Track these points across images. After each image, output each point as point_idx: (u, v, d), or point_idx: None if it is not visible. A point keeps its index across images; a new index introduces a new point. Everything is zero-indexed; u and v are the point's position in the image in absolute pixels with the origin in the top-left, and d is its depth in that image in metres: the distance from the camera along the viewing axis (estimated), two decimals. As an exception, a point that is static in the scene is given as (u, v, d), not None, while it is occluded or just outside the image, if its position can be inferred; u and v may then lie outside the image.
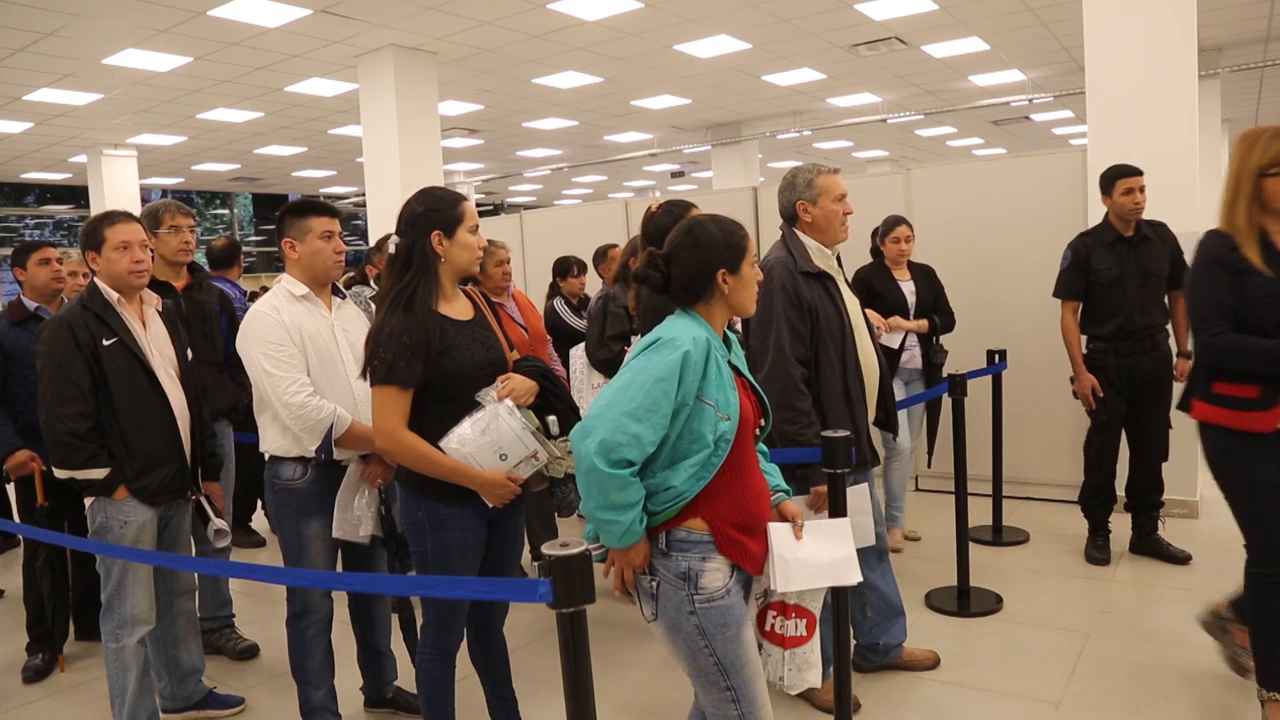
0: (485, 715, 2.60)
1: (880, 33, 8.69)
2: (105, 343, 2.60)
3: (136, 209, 8.46)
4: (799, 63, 9.81)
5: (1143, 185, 3.80)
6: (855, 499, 2.59)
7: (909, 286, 4.29)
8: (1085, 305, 3.94)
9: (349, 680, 2.94)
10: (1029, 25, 8.59)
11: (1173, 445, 4.02)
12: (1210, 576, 3.78)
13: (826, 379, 2.68)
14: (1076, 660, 3.11)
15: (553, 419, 2.31)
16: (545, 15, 7.56)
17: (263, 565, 4.29)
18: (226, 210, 19.67)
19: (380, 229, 7.78)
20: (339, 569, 2.76)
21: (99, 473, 2.58)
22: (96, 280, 2.69)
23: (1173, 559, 3.99)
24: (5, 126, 10.66)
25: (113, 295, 2.67)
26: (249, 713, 3.07)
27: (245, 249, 14.37)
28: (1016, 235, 5.01)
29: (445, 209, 2.25)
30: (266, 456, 2.62)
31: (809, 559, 1.84)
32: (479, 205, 20.52)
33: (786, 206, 2.79)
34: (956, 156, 17.66)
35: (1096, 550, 4.07)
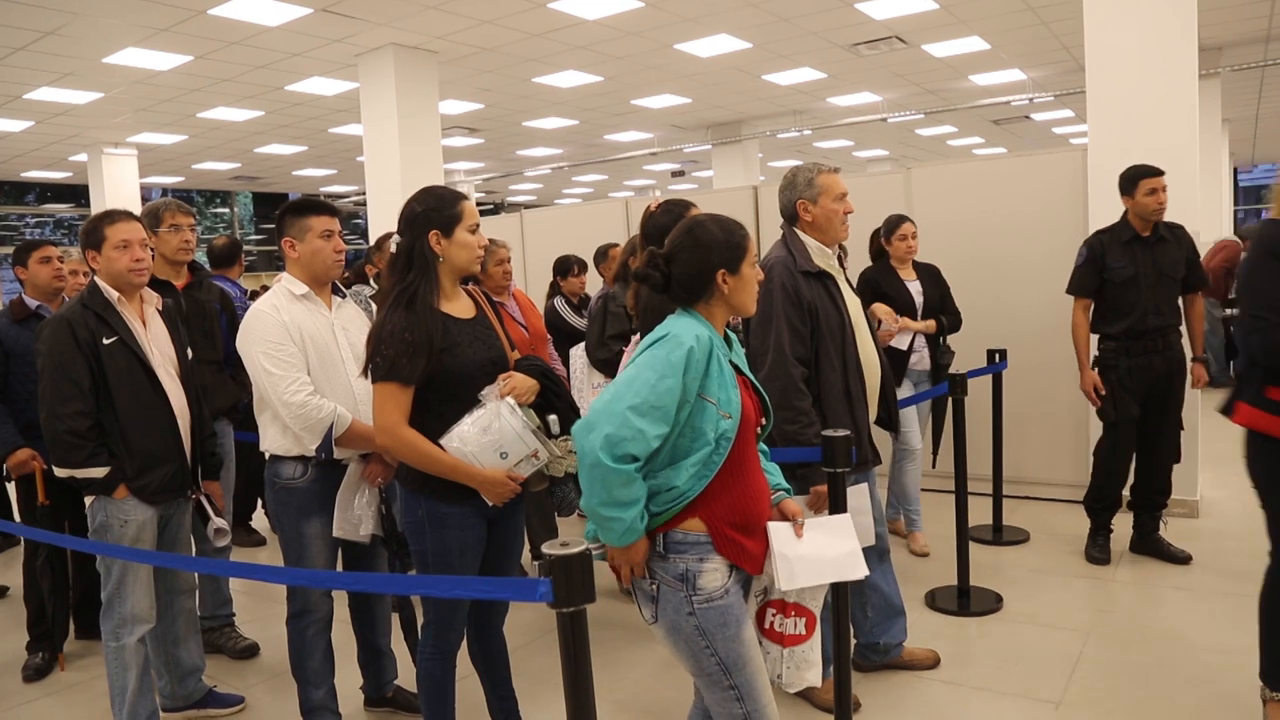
0: (485, 715, 2.60)
1: (880, 32, 8.68)
2: (105, 341, 2.60)
3: (137, 208, 8.43)
4: (799, 62, 9.80)
5: (1165, 185, 3.78)
6: (855, 498, 2.59)
7: (915, 287, 4.26)
8: (1097, 303, 3.92)
9: (349, 679, 2.94)
10: (1029, 25, 8.59)
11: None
12: (1211, 577, 3.78)
13: (827, 378, 2.68)
14: (1076, 660, 3.11)
15: (553, 418, 2.31)
16: (545, 14, 7.56)
17: (263, 564, 4.28)
18: (227, 209, 19.68)
19: (380, 228, 7.78)
20: (339, 568, 2.76)
21: (99, 471, 2.58)
22: (97, 279, 2.69)
23: (1173, 559, 3.98)
24: (6, 125, 10.67)
25: (113, 294, 2.67)
26: (249, 712, 3.07)
27: (246, 248, 14.34)
28: (1017, 234, 5.01)
29: (444, 208, 2.25)
30: (267, 455, 2.62)
31: (811, 555, 1.84)
32: (479, 204, 20.50)
33: (787, 206, 2.79)
34: (957, 156, 17.66)
35: (1097, 550, 4.06)
